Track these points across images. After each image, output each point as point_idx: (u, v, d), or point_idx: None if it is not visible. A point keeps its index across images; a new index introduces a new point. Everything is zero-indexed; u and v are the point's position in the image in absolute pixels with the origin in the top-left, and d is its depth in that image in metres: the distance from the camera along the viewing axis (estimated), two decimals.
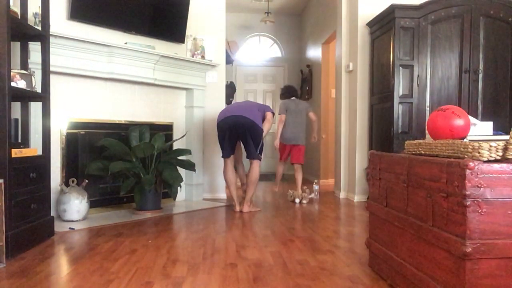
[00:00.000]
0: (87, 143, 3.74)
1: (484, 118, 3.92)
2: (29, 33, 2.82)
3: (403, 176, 1.78)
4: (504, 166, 1.37)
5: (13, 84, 2.53)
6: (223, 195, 4.78)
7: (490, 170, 1.36)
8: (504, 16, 3.99)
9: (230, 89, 6.62)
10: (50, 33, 2.99)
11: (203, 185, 4.73)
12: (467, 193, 1.34)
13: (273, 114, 4.22)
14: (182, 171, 4.24)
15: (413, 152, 1.90)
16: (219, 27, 4.88)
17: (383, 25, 4.17)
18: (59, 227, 3.10)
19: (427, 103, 3.97)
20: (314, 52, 7.06)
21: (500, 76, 4.03)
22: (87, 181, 3.48)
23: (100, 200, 3.80)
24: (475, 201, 1.34)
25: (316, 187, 4.85)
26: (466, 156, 1.44)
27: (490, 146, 1.40)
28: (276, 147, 4.82)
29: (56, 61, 3.26)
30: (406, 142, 2.01)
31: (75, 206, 3.33)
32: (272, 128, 4.76)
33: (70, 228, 3.13)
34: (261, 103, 4.42)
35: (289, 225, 3.35)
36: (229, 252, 2.56)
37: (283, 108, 4.82)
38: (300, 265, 2.28)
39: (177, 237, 2.95)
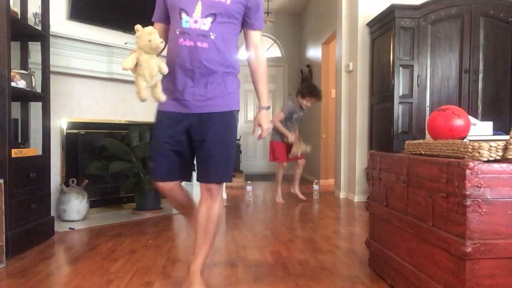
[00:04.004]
0: (87, 143, 3.74)
1: (484, 118, 3.91)
2: (29, 33, 2.82)
3: (403, 176, 1.78)
4: (504, 166, 1.37)
5: (13, 84, 2.53)
6: (223, 195, 4.77)
7: (490, 170, 1.36)
8: (504, 16, 3.99)
9: None
10: (50, 33, 2.99)
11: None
12: (467, 193, 1.34)
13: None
14: None
15: (413, 152, 1.90)
16: None
17: (383, 25, 4.17)
18: (59, 227, 3.10)
19: (427, 103, 3.97)
20: (314, 52, 7.06)
21: (500, 76, 4.03)
22: (87, 181, 3.48)
23: (100, 200, 3.80)
24: (475, 201, 1.34)
25: (316, 187, 4.85)
26: (466, 156, 1.44)
27: (490, 146, 1.40)
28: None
29: (56, 61, 3.25)
30: (406, 142, 2.01)
31: (75, 206, 3.33)
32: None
33: (70, 228, 3.13)
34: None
35: (289, 225, 3.35)
36: (229, 252, 2.56)
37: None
38: (300, 265, 2.28)
39: (177, 237, 2.95)
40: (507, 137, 1.62)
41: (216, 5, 1.77)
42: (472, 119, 1.79)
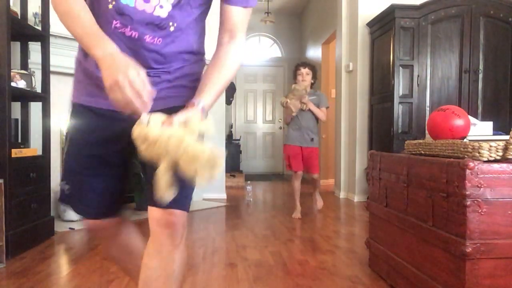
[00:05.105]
0: None
1: (484, 118, 3.91)
2: (29, 33, 2.81)
3: (403, 176, 1.78)
4: (504, 166, 1.37)
5: (13, 84, 2.53)
6: (223, 195, 4.78)
7: (490, 170, 1.36)
8: (504, 16, 3.99)
9: (230, 89, 6.62)
10: (50, 33, 2.98)
11: (203, 185, 4.71)
12: (467, 193, 1.34)
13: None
14: None
15: (413, 152, 1.90)
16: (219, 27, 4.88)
17: (383, 25, 4.17)
18: (59, 227, 3.10)
19: (427, 103, 3.97)
20: (314, 52, 7.05)
21: (500, 76, 4.03)
22: None
23: None
24: (475, 201, 1.34)
25: None
26: (466, 156, 1.44)
27: (490, 146, 1.39)
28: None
29: (56, 61, 3.25)
30: (406, 142, 2.01)
31: None
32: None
33: (70, 228, 3.13)
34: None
35: (289, 225, 3.35)
36: (229, 252, 2.56)
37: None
38: (300, 265, 2.28)
39: None
40: (507, 137, 1.61)
41: None
42: (472, 119, 1.79)
